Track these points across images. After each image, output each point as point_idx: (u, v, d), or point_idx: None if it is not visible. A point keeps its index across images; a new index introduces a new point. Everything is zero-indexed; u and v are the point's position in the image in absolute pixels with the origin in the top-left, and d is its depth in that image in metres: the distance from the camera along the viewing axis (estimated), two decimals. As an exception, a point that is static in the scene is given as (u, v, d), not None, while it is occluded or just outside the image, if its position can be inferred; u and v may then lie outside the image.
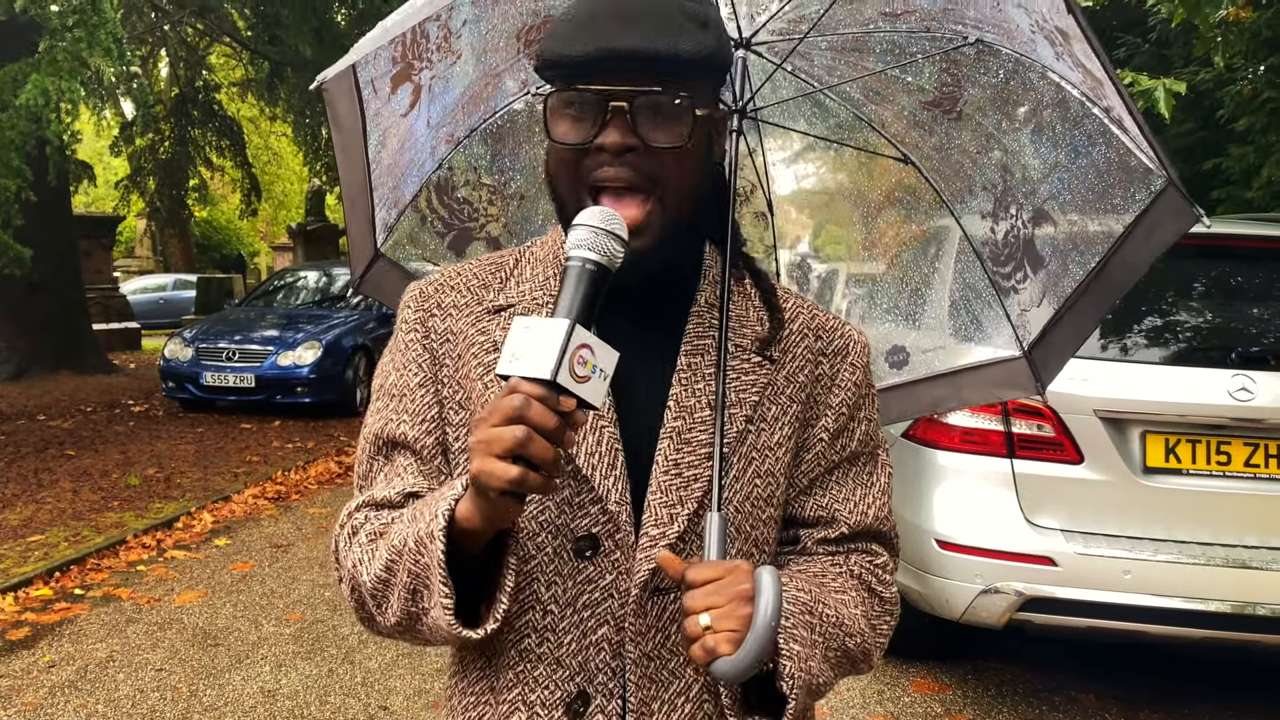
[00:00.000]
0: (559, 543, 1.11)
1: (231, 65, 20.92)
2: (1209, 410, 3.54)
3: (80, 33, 7.75)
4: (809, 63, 1.63)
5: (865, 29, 1.55)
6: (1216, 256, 4.04)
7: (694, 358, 1.16)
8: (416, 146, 1.61)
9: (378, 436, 1.20)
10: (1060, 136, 1.55)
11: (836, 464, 1.22)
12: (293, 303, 12.93)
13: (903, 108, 1.66)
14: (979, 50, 1.54)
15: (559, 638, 1.13)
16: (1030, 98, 1.54)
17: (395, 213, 1.70)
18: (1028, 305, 1.72)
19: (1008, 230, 1.67)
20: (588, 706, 1.12)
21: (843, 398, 1.21)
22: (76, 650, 4.60)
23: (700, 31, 1.08)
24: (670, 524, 1.11)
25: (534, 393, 0.93)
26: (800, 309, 1.24)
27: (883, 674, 4.35)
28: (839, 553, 1.22)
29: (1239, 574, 3.49)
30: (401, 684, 4.25)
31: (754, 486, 1.16)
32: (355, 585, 1.14)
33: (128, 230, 30.10)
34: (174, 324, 19.75)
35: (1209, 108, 8.89)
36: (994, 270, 1.72)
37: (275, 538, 6.48)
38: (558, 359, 0.93)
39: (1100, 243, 1.61)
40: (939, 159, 1.69)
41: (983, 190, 1.68)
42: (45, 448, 8.94)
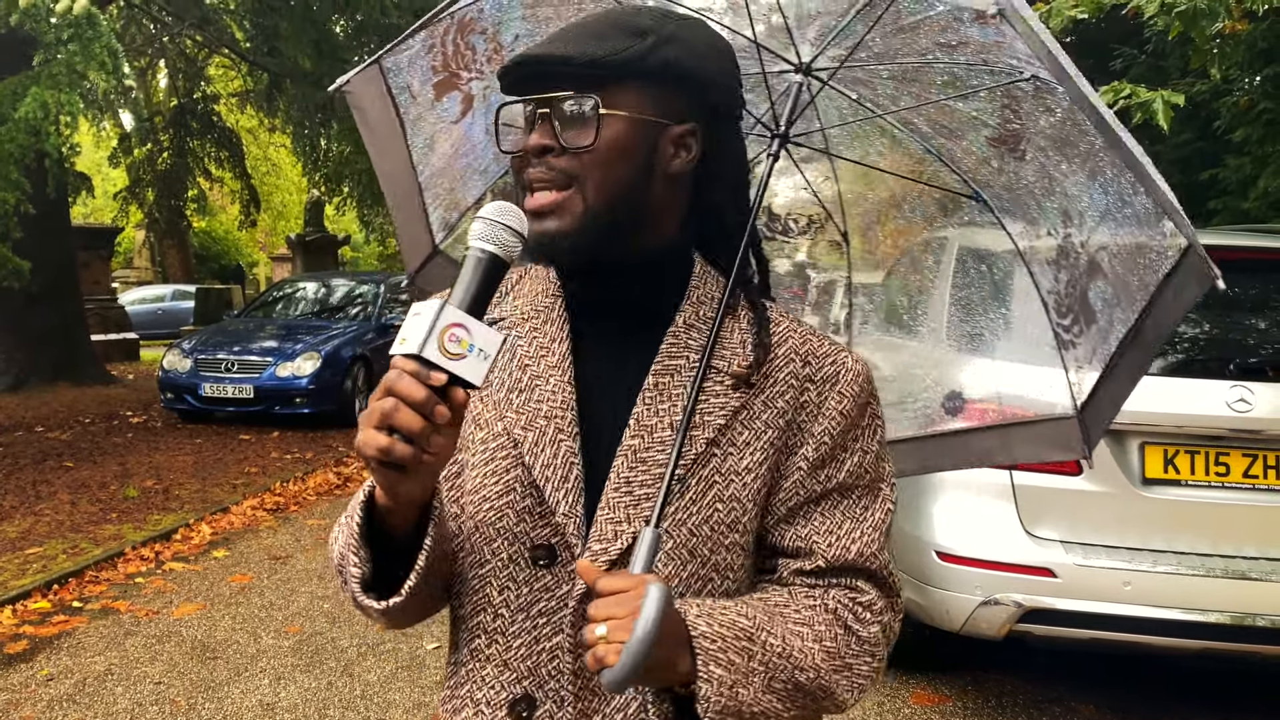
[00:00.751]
0: (515, 550, 1.15)
1: (230, 76, 20.96)
2: (1208, 421, 3.54)
3: (76, 46, 7.76)
4: (872, 90, 1.61)
5: (924, 58, 1.54)
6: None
7: (663, 378, 1.16)
8: (475, 152, 1.66)
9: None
10: (1110, 182, 1.49)
11: (822, 495, 1.18)
12: (291, 314, 12.94)
13: (971, 144, 1.63)
14: (1036, 86, 1.50)
15: (508, 641, 1.16)
16: (1084, 141, 1.48)
17: (456, 214, 1.74)
18: (1082, 362, 1.65)
19: (1069, 280, 1.61)
20: (533, 711, 1.14)
21: (826, 426, 1.17)
22: (75, 663, 4.59)
23: (628, 38, 1.10)
24: (614, 540, 1.12)
25: (405, 367, 0.96)
26: (792, 333, 1.20)
27: (883, 686, 4.35)
28: (818, 586, 1.17)
29: (1238, 585, 3.49)
30: (400, 697, 4.24)
31: (714, 510, 1.14)
32: (333, 564, 1.19)
33: (126, 241, 30.10)
34: (173, 335, 19.74)
35: (1206, 119, 8.92)
36: (1057, 322, 1.66)
37: (274, 549, 6.48)
38: (425, 335, 0.97)
39: (1140, 299, 1.52)
40: (1008, 198, 1.65)
41: (1047, 234, 1.62)
42: (43, 459, 8.94)
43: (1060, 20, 6.19)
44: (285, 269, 24.62)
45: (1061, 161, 1.53)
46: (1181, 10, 5.50)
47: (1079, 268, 1.57)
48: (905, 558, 4.03)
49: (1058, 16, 6.24)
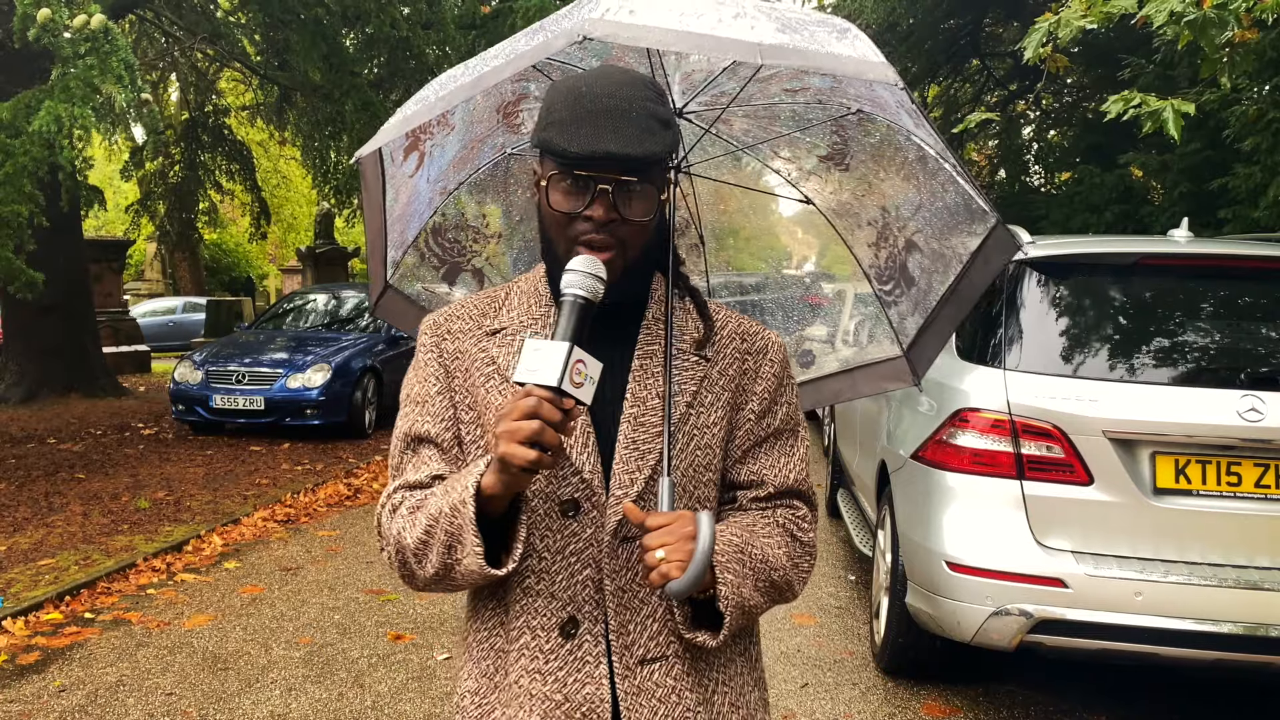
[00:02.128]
0: (548, 505, 1.45)
1: (241, 90, 21.06)
2: (1219, 431, 3.53)
3: (92, 60, 7.81)
4: (730, 126, 2.03)
5: (772, 101, 1.94)
6: (1224, 277, 4.05)
7: (645, 360, 1.51)
8: (419, 199, 2.00)
9: (406, 435, 1.54)
10: (922, 184, 1.96)
11: (764, 438, 1.56)
12: (302, 325, 12.98)
13: (804, 163, 2.09)
14: (860, 118, 1.94)
15: (552, 578, 1.46)
16: (899, 155, 1.96)
17: (400, 252, 2.08)
18: (905, 315, 2.12)
19: (888, 256, 2.09)
20: (577, 628, 1.46)
21: (765, 386, 1.56)
22: (86, 675, 4.61)
23: (664, 131, 1.42)
24: (631, 486, 1.45)
25: (544, 395, 1.27)
26: (729, 319, 1.58)
27: (894, 696, 4.34)
28: (767, 507, 1.55)
29: (1251, 595, 3.48)
30: (411, 707, 4.24)
31: (695, 456, 1.50)
32: (400, 548, 1.46)
33: (138, 253, 30.25)
34: (184, 347, 19.82)
35: (1215, 128, 8.91)
36: (879, 288, 2.14)
37: (285, 560, 6.49)
38: (562, 371, 1.27)
39: (954, 266, 2.01)
40: (834, 200, 2.12)
41: (868, 225, 2.09)
42: (55, 471, 8.97)
43: (1069, 31, 6.20)
44: (295, 281, 24.70)
45: (879, 170, 2.01)
46: (1191, 19, 5.50)
47: (897, 246, 2.06)
48: (916, 568, 4.02)
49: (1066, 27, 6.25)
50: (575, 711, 1.45)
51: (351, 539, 7.06)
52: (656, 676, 1.47)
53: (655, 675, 1.47)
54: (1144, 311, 3.98)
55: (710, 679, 1.51)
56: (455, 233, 2.09)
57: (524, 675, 1.47)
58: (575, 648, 1.46)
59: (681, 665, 1.48)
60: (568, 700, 1.45)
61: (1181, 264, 4.03)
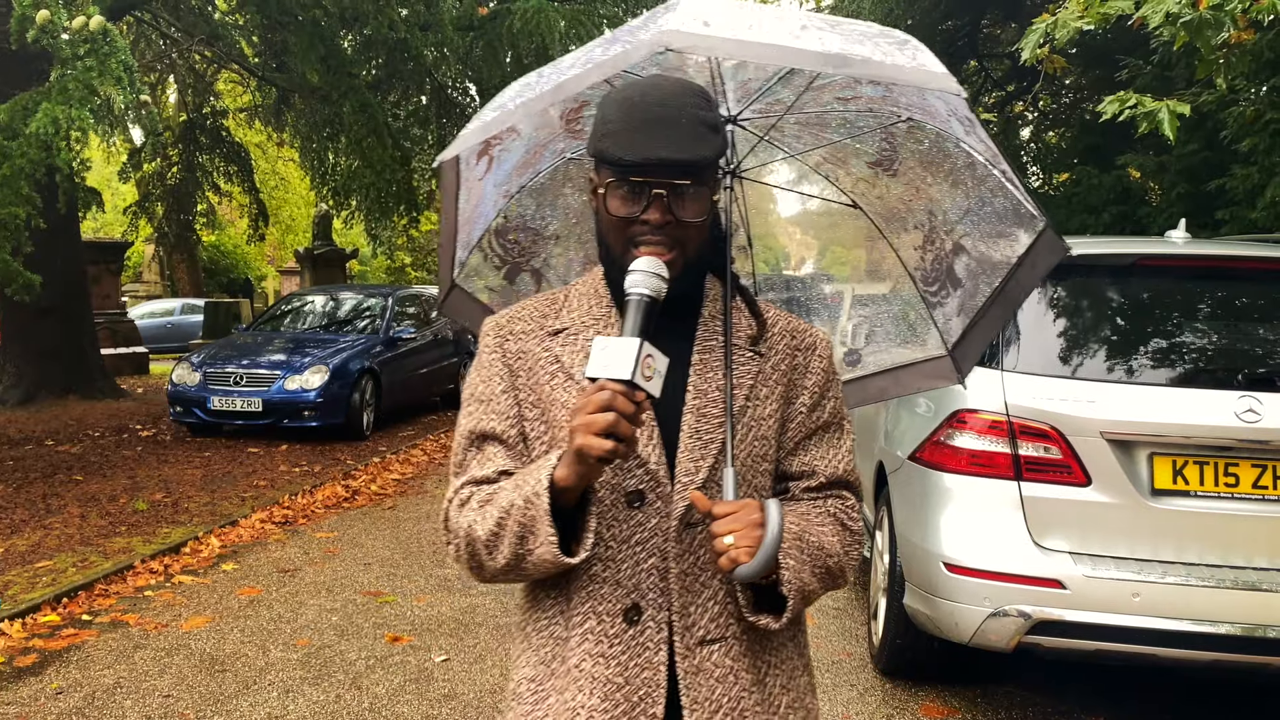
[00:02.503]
0: (614, 496, 1.52)
1: (239, 91, 21.06)
2: (1216, 432, 3.53)
3: (91, 61, 7.80)
4: (782, 134, 2.09)
5: (824, 109, 1.99)
6: (1222, 278, 4.05)
7: (705, 354, 1.58)
8: (485, 201, 2.07)
9: (471, 432, 1.60)
10: (970, 190, 2.02)
11: (813, 431, 1.64)
12: (300, 327, 12.97)
13: (853, 167, 2.14)
14: (910, 125, 1.99)
15: (617, 565, 1.52)
16: (948, 161, 2.01)
17: (466, 252, 2.16)
18: (950, 316, 2.17)
19: (934, 258, 2.13)
20: (640, 615, 1.52)
21: (814, 380, 1.64)
22: (84, 677, 4.60)
23: (713, 136, 1.50)
24: (696, 474, 1.52)
25: (618, 389, 1.35)
26: (779, 317, 1.67)
27: (892, 697, 4.34)
28: (818, 497, 1.63)
29: (1249, 596, 3.48)
30: (409, 710, 4.24)
31: (754, 446, 1.57)
32: (470, 540, 1.53)
33: (136, 255, 30.22)
34: (182, 348, 19.80)
35: (1212, 129, 8.92)
36: (924, 289, 2.18)
37: (282, 562, 6.49)
38: (634, 365, 1.35)
39: (1001, 269, 2.06)
40: (880, 205, 2.17)
41: (914, 228, 2.14)
42: (53, 473, 8.97)
43: (1066, 32, 6.20)
44: (293, 282, 24.69)
45: (927, 176, 2.06)
46: (1187, 21, 5.50)
47: (944, 249, 2.11)
48: (914, 569, 4.02)
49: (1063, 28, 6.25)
50: (634, 694, 1.52)
51: (349, 541, 7.06)
52: (715, 657, 1.54)
53: (714, 656, 1.54)
54: (1141, 312, 3.98)
55: (764, 661, 1.58)
56: (516, 234, 2.17)
57: (585, 659, 1.53)
58: (638, 633, 1.52)
59: (739, 646, 1.55)
60: (627, 683, 1.51)
61: (1179, 265, 4.04)
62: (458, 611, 5.50)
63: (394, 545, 6.93)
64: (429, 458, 10.39)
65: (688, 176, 1.48)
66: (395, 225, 19.77)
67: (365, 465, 9.64)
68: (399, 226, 20.24)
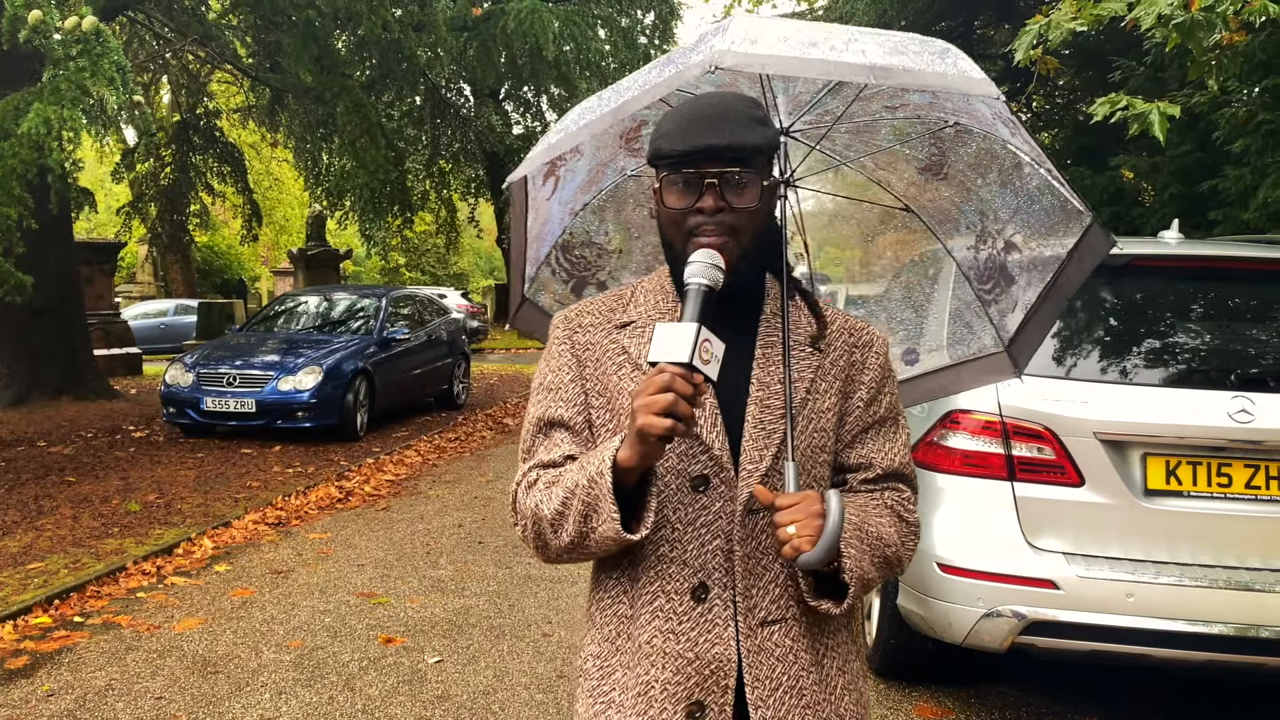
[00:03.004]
0: (680, 481, 1.60)
1: (232, 92, 21.02)
2: (1209, 432, 3.54)
3: (84, 62, 7.78)
4: (833, 142, 2.17)
5: (873, 117, 2.06)
6: (1215, 278, 4.06)
7: (767, 349, 1.66)
8: (551, 220, 2.18)
9: (540, 419, 1.68)
10: (1019, 189, 2.08)
11: (870, 425, 1.71)
12: (293, 328, 12.94)
13: (904, 172, 2.20)
14: (957, 130, 2.06)
15: (684, 547, 1.60)
16: (995, 162, 2.08)
17: (535, 268, 2.26)
18: (1005, 312, 2.22)
19: (987, 257, 2.20)
20: (708, 593, 1.59)
21: (871, 376, 1.71)
22: (75, 679, 4.58)
23: (761, 127, 1.59)
24: (760, 463, 1.60)
25: (677, 371, 1.42)
26: (837, 316, 1.74)
27: (886, 698, 4.33)
28: (875, 489, 1.70)
29: (1242, 596, 3.48)
30: (402, 711, 4.23)
31: (813, 439, 1.65)
32: (537, 520, 1.60)
33: (129, 256, 30.15)
34: (175, 349, 19.76)
35: (1205, 130, 8.93)
36: (979, 287, 2.24)
37: (275, 563, 6.47)
38: (692, 349, 1.43)
39: (1052, 264, 2.11)
40: (933, 208, 2.23)
41: (966, 229, 2.21)
42: (45, 474, 8.94)
43: (1059, 33, 6.21)
44: (287, 283, 24.66)
45: (977, 178, 2.12)
46: (1179, 22, 5.51)
47: (996, 248, 2.17)
48: (907, 570, 4.02)
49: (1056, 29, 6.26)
50: (705, 669, 1.59)
51: (343, 542, 7.05)
52: (776, 637, 1.61)
53: (775, 636, 1.61)
54: (1134, 313, 3.99)
55: (821, 644, 1.65)
56: (581, 249, 2.28)
57: (656, 635, 1.60)
58: (706, 610, 1.59)
59: (799, 628, 1.62)
60: (699, 658, 1.59)
61: (1172, 265, 4.04)
62: (451, 613, 5.50)
63: (387, 546, 6.92)
64: (423, 459, 10.38)
65: (738, 164, 1.55)
66: (389, 226, 19.76)
67: (359, 466, 9.62)
68: (393, 227, 20.21)
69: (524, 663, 4.77)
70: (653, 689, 1.60)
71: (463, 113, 21.93)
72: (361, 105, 13.54)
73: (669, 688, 1.59)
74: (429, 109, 20.29)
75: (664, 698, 1.59)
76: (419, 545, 6.95)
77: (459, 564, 6.46)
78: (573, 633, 5.18)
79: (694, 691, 1.58)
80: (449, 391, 14.09)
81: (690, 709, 1.58)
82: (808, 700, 1.62)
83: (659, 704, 1.59)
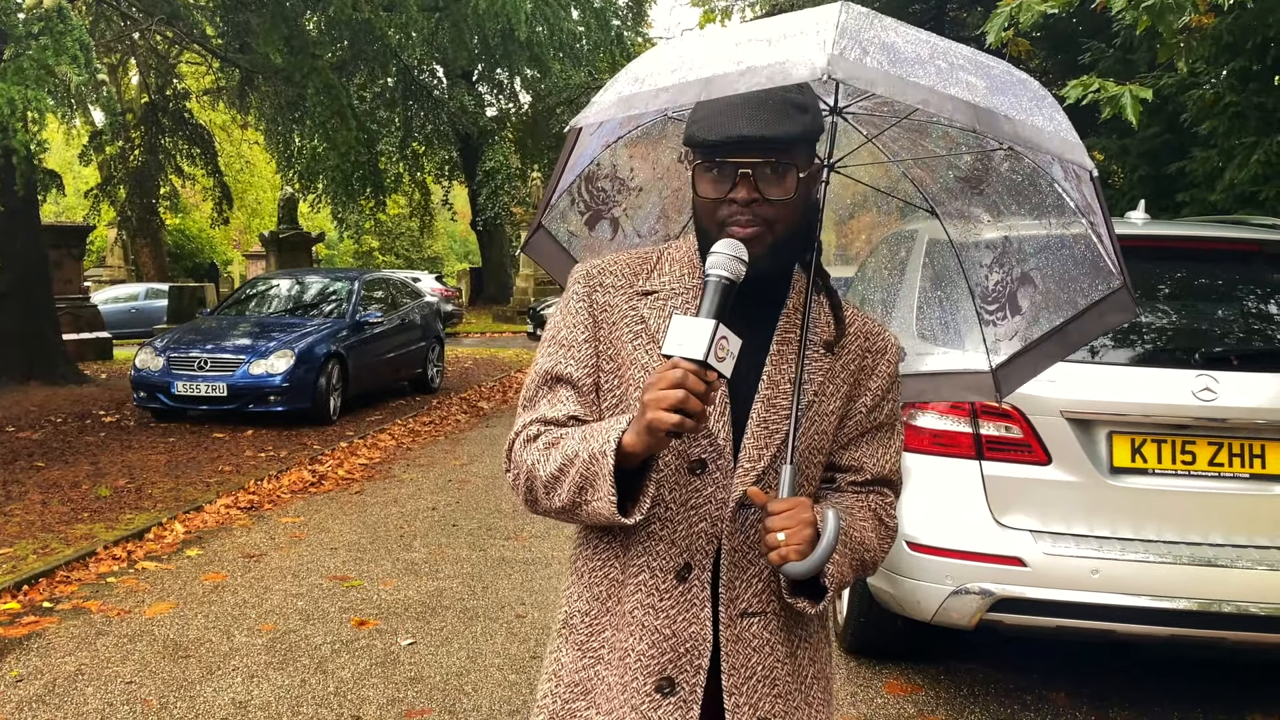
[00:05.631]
0: (679, 462, 1.60)
1: (201, 73, 20.79)
2: (1174, 410, 3.58)
3: (46, 40, 7.68)
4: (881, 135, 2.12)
5: (930, 119, 1.99)
6: (1181, 258, 4.10)
7: (782, 346, 1.64)
8: (588, 152, 2.13)
9: (548, 372, 1.67)
10: (1053, 228, 2.06)
11: (868, 429, 1.72)
12: (265, 311, 12.85)
13: (940, 176, 2.17)
14: (1008, 154, 2.02)
15: (675, 527, 1.61)
16: (1037, 195, 2.04)
17: (558, 195, 2.19)
18: (1001, 338, 2.20)
19: (998, 281, 2.18)
20: (690, 574, 1.61)
21: (879, 383, 1.71)
22: (44, 664, 4.55)
23: (800, 115, 1.54)
24: (758, 460, 1.61)
25: (690, 368, 1.41)
26: (856, 317, 1.72)
27: (856, 675, 4.37)
28: (861, 492, 1.72)
29: (1205, 572, 3.53)
30: (374, 693, 4.23)
31: (813, 440, 1.65)
32: (531, 476, 1.60)
33: (98, 240, 29.81)
34: (146, 334, 19.58)
35: (1173, 112, 8.99)
36: (981, 306, 2.22)
37: (248, 548, 6.44)
38: (708, 346, 1.41)
39: (1066, 309, 2.09)
40: (957, 217, 2.20)
41: (986, 248, 2.19)
42: (13, 459, 8.85)
43: (1030, 15, 6.23)
44: (259, 266, 24.46)
45: (1013, 204, 2.08)
46: (1149, 4, 5.54)
47: (1011, 275, 2.15)
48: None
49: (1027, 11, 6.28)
50: (680, 646, 1.62)
51: (315, 525, 7.02)
52: (755, 629, 1.64)
53: (754, 628, 1.64)
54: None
55: (796, 635, 1.68)
56: (604, 181, 2.22)
57: (639, 608, 1.63)
58: (686, 590, 1.62)
59: (776, 621, 1.65)
60: (675, 635, 1.62)
61: (1138, 245, 4.07)
62: (424, 595, 5.49)
63: (361, 530, 6.90)
64: (396, 442, 10.34)
65: (771, 154, 1.51)
66: (362, 209, 19.66)
67: (332, 450, 9.58)
68: (366, 210, 20.12)
69: (497, 644, 4.78)
70: (629, 656, 1.63)
71: (435, 94, 21.79)
72: (332, 86, 13.43)
73: (642, 659, 1.62)
74: (401, 91, 20.15)
75: (637, 667, 1.62)
76: (392, 528, 6.94)
77: (432, 547, 6.46)
78: (546, 614, 5.18)
79: (666, 667, 1.61)
80: (423, 375, 14.05)
81: (660, 683, 1.61)
82: (780, 690, 1.65)
83: (633, 672, 1.62)
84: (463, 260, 52.22)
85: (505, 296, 31.93)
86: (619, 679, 1.64)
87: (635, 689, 1.62)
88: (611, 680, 1.65)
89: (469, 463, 9.32)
